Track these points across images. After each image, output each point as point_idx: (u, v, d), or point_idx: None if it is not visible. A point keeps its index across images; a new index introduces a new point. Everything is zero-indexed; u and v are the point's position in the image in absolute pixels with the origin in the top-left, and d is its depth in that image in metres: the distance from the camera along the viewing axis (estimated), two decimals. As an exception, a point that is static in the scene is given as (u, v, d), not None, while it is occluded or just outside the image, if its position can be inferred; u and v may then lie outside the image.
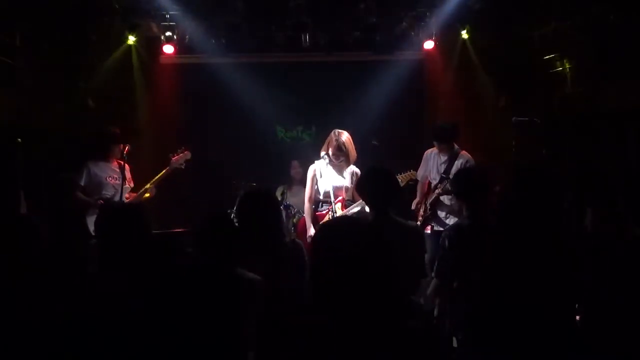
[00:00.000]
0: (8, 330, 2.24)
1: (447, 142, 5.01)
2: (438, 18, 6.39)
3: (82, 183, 4.91)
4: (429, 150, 5.24)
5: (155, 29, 6.54)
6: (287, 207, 5.69)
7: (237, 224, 2.90)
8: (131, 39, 6.50)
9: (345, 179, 4.77)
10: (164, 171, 5.09)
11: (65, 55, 6.17)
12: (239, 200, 3.22)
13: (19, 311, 2.29)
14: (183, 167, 5.16)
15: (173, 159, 5.12)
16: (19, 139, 5.13)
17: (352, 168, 4.78)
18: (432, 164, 5.15)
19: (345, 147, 4.67)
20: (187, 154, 5.18)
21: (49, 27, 5.89)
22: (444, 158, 5.07)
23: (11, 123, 5.38)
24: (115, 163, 5.07)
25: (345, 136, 4.70)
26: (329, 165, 4.75)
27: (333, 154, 4.68)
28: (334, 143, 4.66)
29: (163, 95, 6.87)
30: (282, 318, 1.92)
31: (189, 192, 6.48)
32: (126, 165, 5.09)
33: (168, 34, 6.33)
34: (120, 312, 2.33)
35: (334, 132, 4.73)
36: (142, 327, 2.32)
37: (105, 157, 5.05)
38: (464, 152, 5.06)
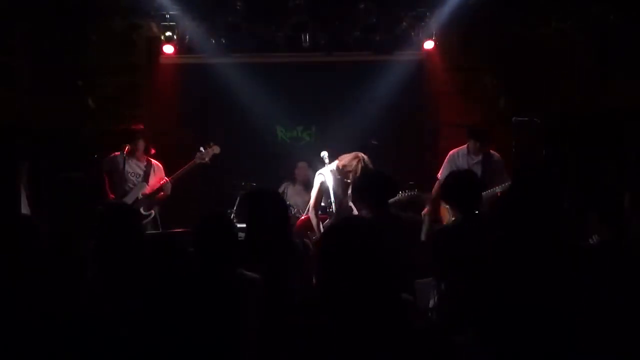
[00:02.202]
0: (7, 331, 2.24)
1: (488, 143, 5.03)
2: (438, 18, 6.39)
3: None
4: (455, 151, 5.22)
5: (155, 29, 6.54)
6: (287, 206, 5.69)
7: (236, 224, 2.91)
8: (131, 39, 6.50)
9: (348, 187, 4.82)
10: (186, 166, 5.15)
11: (65, 55, 6.17)
12: (245, 200, 3.23)
13: (18, 311, 2.29)
14: (208, 161, 5.20)
15: (198, 153, 5.16)
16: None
17: None
18: (462, 164, 5.11)
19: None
20: (215, 149, 5.23)
21: (49, 27, 5.89)
22: (476, 158, 5.07)
23: (11, 123, 5.38)
24: (144, 160, 5.15)
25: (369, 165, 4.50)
26: (337, 177, 4.64)
27: (348, 176, 4.57)
28: (357, 172, 4.41)
29: (163, 96, 6.86)
30: (288, 318, 1.92)
31: (189, 192, 6.48)
32: (156, 164, 5.17)
33: (168, 34, 6.32)
34: (120, 312, 2.33)
35: (365, 160, 4.44)
36: (141, 328, 2.32)
37: (133, 153, 5.12)
38: (490, 150, 5.13)
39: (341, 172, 4.54)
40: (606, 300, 2.40)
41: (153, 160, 5.22)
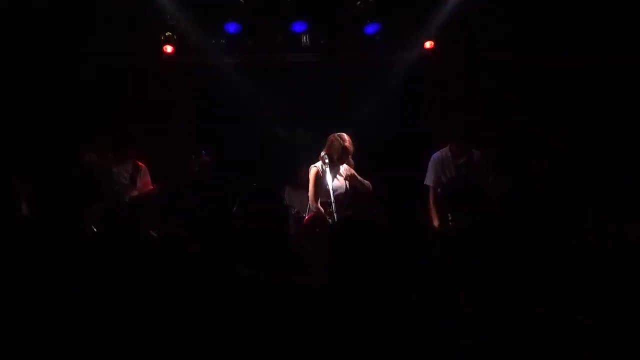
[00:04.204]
0: (8, 329, 2.24)
1: (472, 143, 4.99)
2: (438, 18, 6.40)
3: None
4: (438, 153, 5.14)
5: (155, 29, 6.54)
6: (288, 206, 5.70)
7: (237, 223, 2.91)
8: (131, 39, 6.49)
9: (342, 177, 4.86)
10: (175, 178, 5.11)
11: (66, 55, 6.17)
12: (244, 200, 3.24)
13: (19, 311, 2.29)
14: (197, 170, 5.17)
15: (189, 165, 5.10)
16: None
17: (345, 165, 4.92)
18: (446, 167, 5.06)
19: (350, 150, 4.81)
20: (205, 160, 5.18)
21: (49, 26, 5.90)
22: (461, 159, 5.01)
23: (11, 123, 5.40)
24: (131, 162, 5.10)
25: (347, 138, 4.84)
26: (328, 165, 4.80)
27: (340, 157, 4.77)
28: (340, 146, 4.73)
29: (163, 96, 6.86)
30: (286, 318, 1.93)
31: (188, 192, 6.48)
32: (143, 167, 5.12)
33: (168, 34, 6.34)
34: (121, 310, 2.33)
35: (340, 136, 4.80)
36: (141, 326, 2.32)
37: (119, 157, 5.08)
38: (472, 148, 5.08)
39: (330, 156, 4.80)
40: (607, 299, 2.40)
41: (140, 163, 5.18)
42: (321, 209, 4.81)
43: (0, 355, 2.24)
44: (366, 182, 4.95)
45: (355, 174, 4.93)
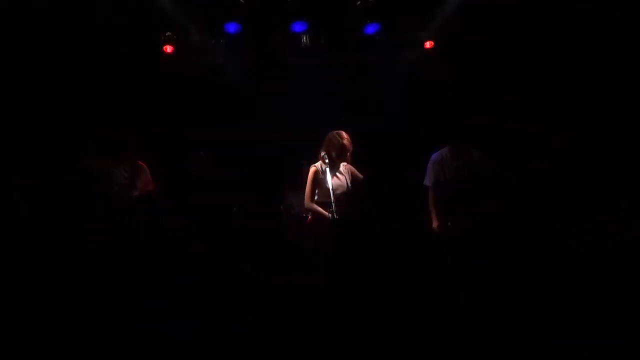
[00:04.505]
0: (8, 329, 2.24)
1: (469, 143, 4.98)
2: (438, 18, 6.41)
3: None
4: (437, 154, 5.11)
5: (155, 29, 6.54)
6: (288, 206, 5.70)
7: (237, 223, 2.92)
8: (132, 40, 6.50)
9: (343, 175, 4.85)
10: (177, 178, 5.14)
11: (66, 55, 6.17)
12: (244, 201, 3.26)
13: (21, 308, 2.29)
14: (195, 169, 5.18)
15: (192, 167, 5.12)
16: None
17: (344, 163, 4.88)
18: (446, 167, 5.03)
19: (349, 147, 4.75)
20: (203, 159, 5.18)
21: (49, 26, 5.90)
22: (461, 160, 4.96)
23: (11, 122, 5.40)
24: (130, 163, 5.10)
25: (346, 136, 4.78)
26: (327, 165, 4.79)
27: (339, 155, 4.75)
28: (339, 144, 4.72)
29: (163, 96, 6.86)
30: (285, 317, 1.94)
31: (189, 193, 6.48)
32: (143, 165, 5.12)
33: (168, 34, 6.34)
34: (119, 310, 2.34)
35: (338, 134, 4.78)
36: (141, 325, 2.33)
37: (119, 157, 5.09)
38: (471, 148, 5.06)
39: (329, 155, 4.71)
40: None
41: (140, 162, 5.18)
42: (315, 207, 4.76)
43: (0, 355, 2.24)
44: (360, 175, 4.96)
45: (355, 170, 4.92)
